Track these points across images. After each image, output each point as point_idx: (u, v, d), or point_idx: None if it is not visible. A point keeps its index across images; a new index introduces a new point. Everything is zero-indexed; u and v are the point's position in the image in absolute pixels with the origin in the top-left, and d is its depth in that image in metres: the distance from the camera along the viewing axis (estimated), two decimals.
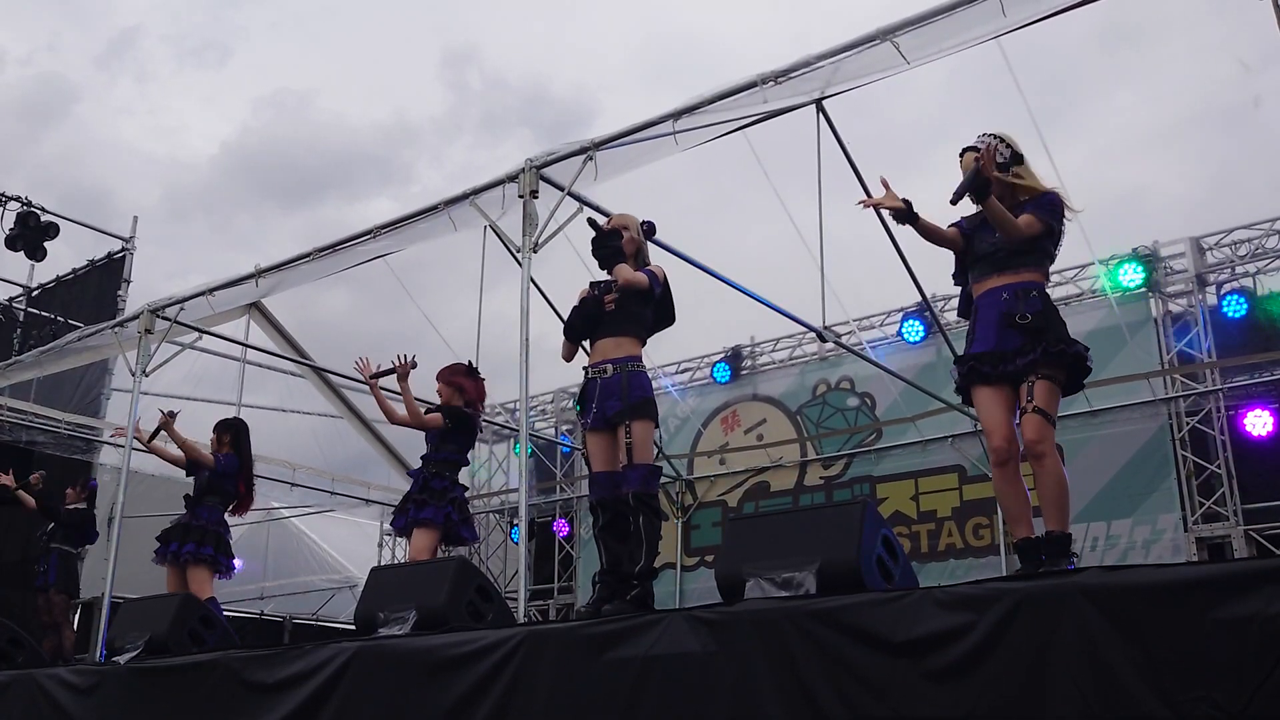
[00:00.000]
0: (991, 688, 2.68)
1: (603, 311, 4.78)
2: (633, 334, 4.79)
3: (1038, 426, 3.79)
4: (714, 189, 13.78)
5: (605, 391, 4.64)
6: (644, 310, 4.80)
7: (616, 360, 4.68)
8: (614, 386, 4.63)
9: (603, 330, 4.79)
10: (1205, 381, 8.74)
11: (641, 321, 4.82)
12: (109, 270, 12.37)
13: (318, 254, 6.91)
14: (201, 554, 6.73)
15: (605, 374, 4.67)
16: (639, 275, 4.68)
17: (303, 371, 11.21)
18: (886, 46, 5.13)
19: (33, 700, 5.31)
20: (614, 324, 4.76)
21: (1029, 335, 3.90)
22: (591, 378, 4.74)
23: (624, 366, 4.67)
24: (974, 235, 4.21)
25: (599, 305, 4.79)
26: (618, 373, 4.65)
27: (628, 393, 4.59)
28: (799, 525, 3.55)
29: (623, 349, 4.72)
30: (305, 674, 4.15)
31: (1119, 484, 8.87)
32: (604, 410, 4.63)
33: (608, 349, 4.73)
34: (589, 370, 4.78)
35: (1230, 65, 9.77)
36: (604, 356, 4.72)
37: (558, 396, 12.91)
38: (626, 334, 4.76)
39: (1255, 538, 8.26)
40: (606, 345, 4.75)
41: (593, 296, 4.85)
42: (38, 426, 10.13)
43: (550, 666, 3.49)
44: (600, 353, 4.76)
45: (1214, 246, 9.04)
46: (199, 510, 6.88)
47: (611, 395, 4.62)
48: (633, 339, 4.78)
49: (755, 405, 11.34)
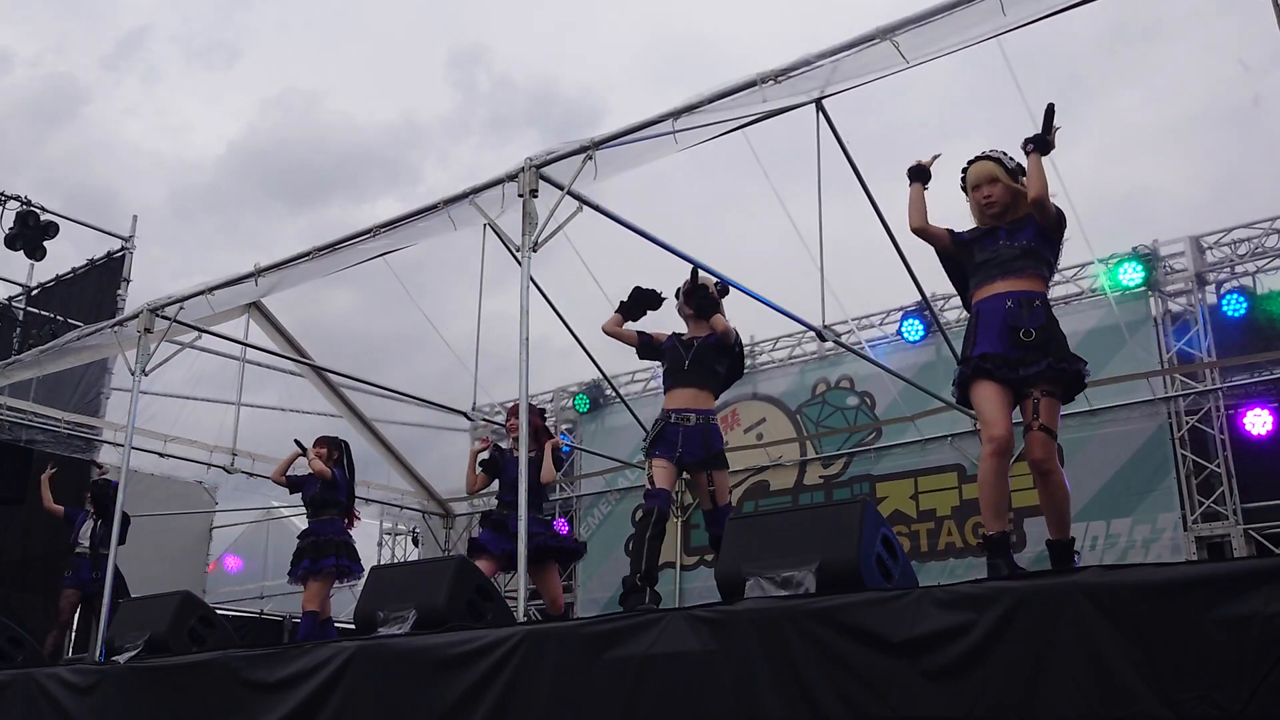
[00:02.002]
0: (991, 687, 2.68)
1: (684, 362, 5.32)
2: (710, 388, 5.37)
3: (1045, 444, 3.89)
4: (714, 188, 13.78)
5: (687, 438, 5.20)
6: (719, 365, 5.33)
7: (700, 411, 5.25)
8: (696, 435, 5.18)
9: (683, 380, 5.34)
10: (1205, 381, 8.74)
11: (717, 376, 5.40)
12: (109, 270, 12.34)
13: (317, 253, 6.90)
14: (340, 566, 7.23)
15: (689, 422, 5.21)
16: (728, 325, 5.31)
17: (302, 371, 11.21)
18: (886, 46, 5.12)
19: (33, 700, 5.31)
20: (695, 376, 5.29)
21: (1033, 348, 3.96)
22: (674, 423, 5.24)
23: (706, 419, 5.25)
24: (974, 244, 4.23)
25: (682, 356, 5.35)
26: (699, 424, 5.21)
27: (709, 444, 5.19)
28: (799, 524, 3.56)
29: (701, 401, 5.29)
30: (305, 673, 4.15)
31: (1119, 483, 8.87)
32: (685, 454, 5.20)
33: (688, 399, 5.28)
34: (671, 414, 5.27)
35: (1244, 62, 9.75)
36: (685, 405, 5.27)
37: (557, 396, 12.90)
38: (706, 388, 5.33)
39: (1255, 537, 8.27)
40: (687, 395, 5.29)
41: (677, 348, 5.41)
42: (37, 426, 10.11)
43: (550, 666, 3.49)
44: (681, 401, 5.30)
45: (1214, 245, 9.04)
46: (325, 524, 7.29)
47: (693, 443, 5.18)
48: (710, 393, 5.36)
49: (755, 404, 11.33)
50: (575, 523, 12.40)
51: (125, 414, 7.76)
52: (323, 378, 11.35)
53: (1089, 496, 8.97)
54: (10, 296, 12.99)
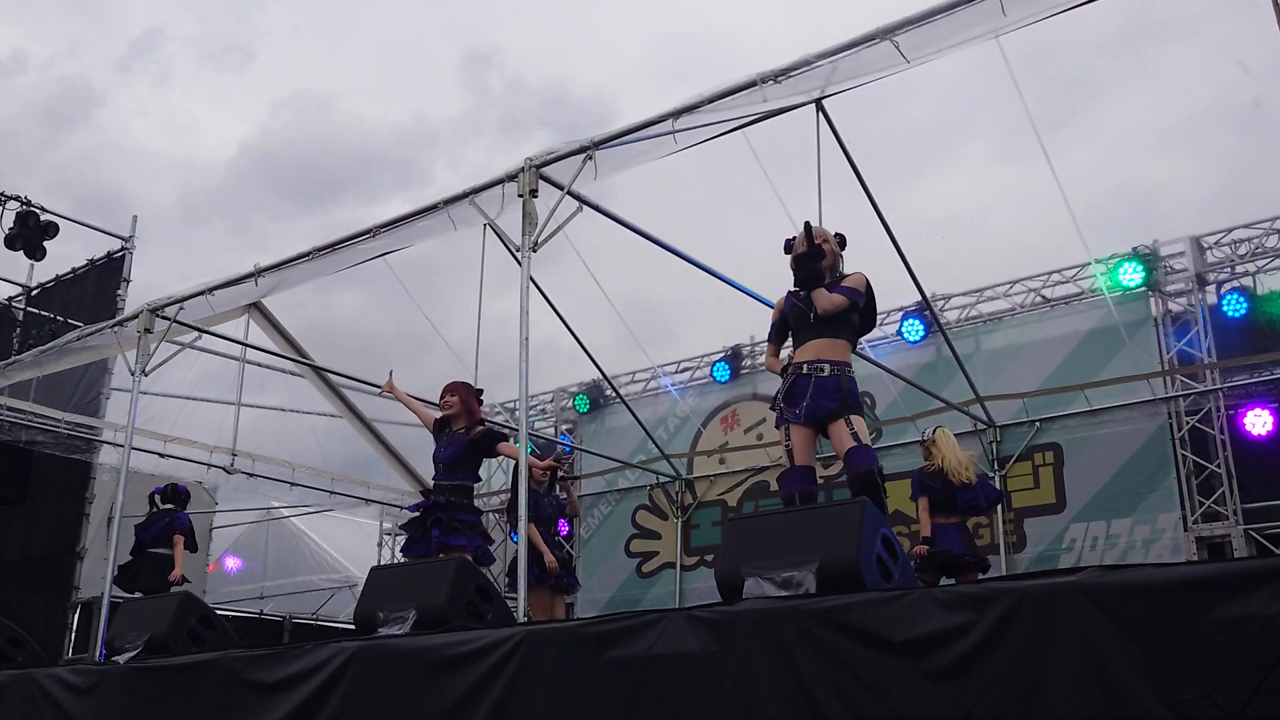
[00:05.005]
0: (991, 687, 2.68)
1: (809, 315, 4.88)
2: (845, 336, 4.91)
3: None
4: (714, 188, 13.78)
5: (819, 390, 4.75)
6: (852, 315, 4.90)
7: (833, 362, 4.79)
8: (829, 386, 4.74)
9: (813, 331, 4.87)
10: (1205, 381, 8.74)
11: (851, 325, 4.94)
12: (109, 270, 12.35)
13: (317, 253, 6.90)
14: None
15: (822, 373, 4.77)
16: (835, 299, 4.80)
17: (302, 371, 11.21)
18: (886, 45, 5.12)
19: (33, 700, 5.31)
20: (825, 326, 4.85)
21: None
22: (805, 374, 4.81)
23: (842, 370, 4.79)
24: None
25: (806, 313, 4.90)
26: (834, 374, 4.76)
27: (846, 395, 4.74)
28: (799, 525, 3.56)
29: (837, 351, 4.83)
30: (305, 674, 4.15)
31: (1119, 483, 8.87)
32: (816, 408, 4.75)
33: (821, 350, 4.83)
34: (802, 367, 4.84)
35: (1244, 64, 9.74)
36: (818, 356, 4.81)
37: (557, 396, 12.91)
38: (839, 336, 4.87)
39: (1255, 537, 8.26)
40: (820, 346, 4.83)
41: (797, 306, 4.96)
42: (37, 426, 10.12)
43: (550, 666, 3.49)
44: (813, 352, 4.84)
45: (1214, 246, 9.03)
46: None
47: (826, 394, 4.73)
48: (846, 342, 4.91)
49: (755, 404, 11.33)
50: (575, 523, 12.40)
51: (125, 414, 7.77)
52: (323, 378, 11.35)
53: (1089, 496, 8.98)
54: (10, 297, 13.00)
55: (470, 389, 6.38)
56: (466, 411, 6.24)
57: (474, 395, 6.38)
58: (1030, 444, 9.44)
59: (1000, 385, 9.52)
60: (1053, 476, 9.30)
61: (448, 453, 6.15)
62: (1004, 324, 9.77)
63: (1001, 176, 20.91)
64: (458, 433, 6.19)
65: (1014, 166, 18.03)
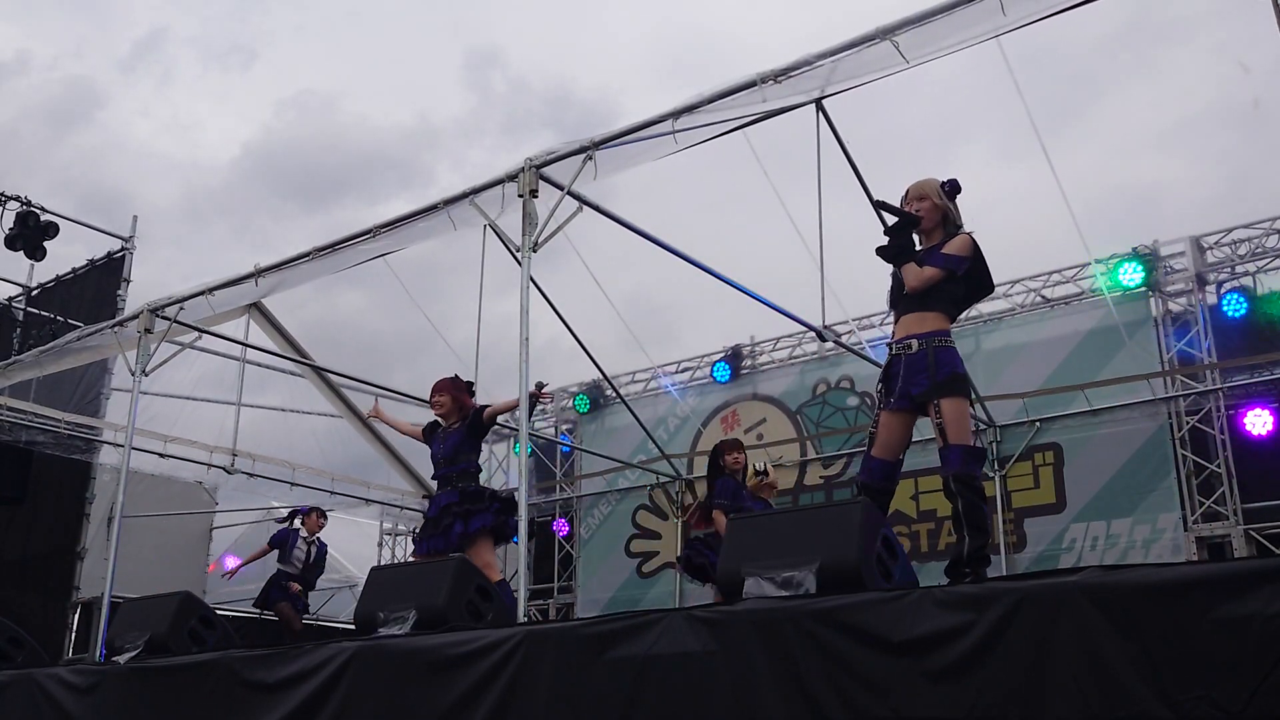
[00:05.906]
0: (991, 687, 2.68)
1: (902, 286, 4.51)
2: (938, 308, 4.47)
3: None
4: (714, 188, 13.79)
5: (910, 368, 4.38)
6: (948, 286, 4.46)
7: (922, 335, 4.39)
8: (920, 363, 4.35)
9: (905, 305, 4.52)
10: (1205, 381, 8.74)
11: (948, 295, 4.49)
12: (109, 270, 12.36)
13: (317, 253, 6.90)
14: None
15: (910, 350, 4.40)
16: (925, 274, 4.41)
17: (303, 371, 11.22)
18: (886, 45, 5.12)
19: (33, 700, 5.31)
20: (917, 299, 4.47)
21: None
22: (896, 354, 4.48)
23: (930, 342, 4.37)
24: None
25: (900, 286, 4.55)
26: (923, 349, 4.37)
27: (935, 370, 4.31)
28: (799, 525, 3.55)
29: (927, 324, 4.42)
30: (305, 674, 4.15)
31: (1119, 483, 8.87)
32: (908, 388, 4.37)
33: (911, 324, 4.46)
34: (892, 346, 4.53)
35: (1246, 64, 9.75)
36: (908, 332, 4.46)
37: (558, 396, 12.90)
38: (931, 308, 4.45)
39: (1255, 537, 8.26)
40: (910, 320, 4.48)
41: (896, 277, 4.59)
42: (37, 426, 10.12)
43: (550, 666, 3.49)
44: (904, 328, 4.49)
45: (1214, 246, 9.03)
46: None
47: (918, 372, 4.35)
48: (938, 313, 4.46)
49: (755, 405, 11.34)
50: (575, 523, 12.41)
51: (125, 414, 7.77)
52: (323, 378, 11.36)
53: (1089, 496, 8.98)
54: (10, 297, 13.00)
55: (459, 384, 6.37)
56: (458, 408, 6.26)
57: (464, 390, 6.37)
58: (1030, 444, 9.44)
59: (1000, 385, 9.52)
60: (1053, 476, 9.30)
61: (447, 447, 6.17)
62: (1004, 324, 9.77)
63: (1001, 176, 20.87)
64: (453, 427, 6.22)
65: (1014, 166, 17.98)
